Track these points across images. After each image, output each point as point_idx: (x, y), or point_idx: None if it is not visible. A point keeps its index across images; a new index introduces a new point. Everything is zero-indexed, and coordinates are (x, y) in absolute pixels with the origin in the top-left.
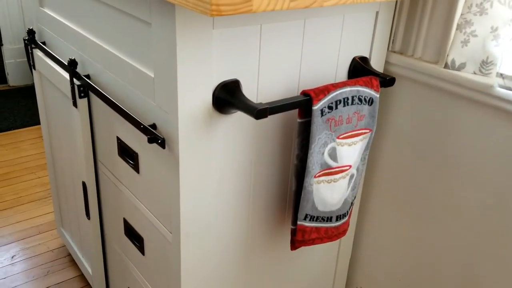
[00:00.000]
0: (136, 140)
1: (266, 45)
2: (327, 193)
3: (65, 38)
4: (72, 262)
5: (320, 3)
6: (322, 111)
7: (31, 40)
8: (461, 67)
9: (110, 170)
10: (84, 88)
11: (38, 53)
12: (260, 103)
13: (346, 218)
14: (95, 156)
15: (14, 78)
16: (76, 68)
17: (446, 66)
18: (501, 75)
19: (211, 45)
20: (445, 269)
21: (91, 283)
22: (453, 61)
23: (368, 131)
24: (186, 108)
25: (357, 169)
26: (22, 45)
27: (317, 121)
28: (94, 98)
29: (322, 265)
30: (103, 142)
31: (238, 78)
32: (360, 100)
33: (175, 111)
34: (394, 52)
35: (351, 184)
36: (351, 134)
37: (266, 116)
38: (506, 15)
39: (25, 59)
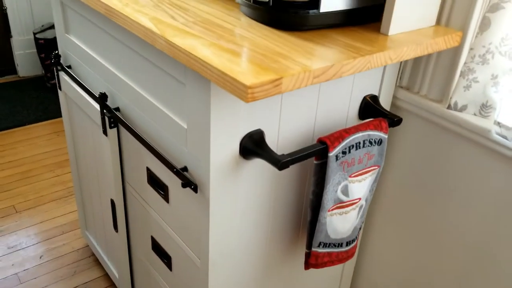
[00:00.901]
0: (166, 175)
1: (287, 98)
2: (339, 223)
3: (92, 68)
4: (97, 261)
5: (339, 75)
6: (337, 156)
7: (56, 63)
8: (463, 108)
9: (138, 192)
10: (114, 120)
11: (64, 76)
12: (283, 155)
13: (355, 242)
14: (123, 177)
15: (23, 69)
16: (106, 101)
17: (449, 107)
18: (498, 124)
19: (240, 105)
20: (438, 277)
21: (117, 285)
22: (455, 103)
23: (376, 167)
24: (217, 157)
25: (366, 200)
26: (31, 36)
27: (332, 165)
28: (124, 129)
29: (330, 272)
30: (131, 167)
31: (262, 128)
32: (370, 142)
33: (207, 159)
34: (401, 87)
35: (360, 213)
36: (362, 172)
37: (287, 167)
38: (506, 65)
39: (34, 50)
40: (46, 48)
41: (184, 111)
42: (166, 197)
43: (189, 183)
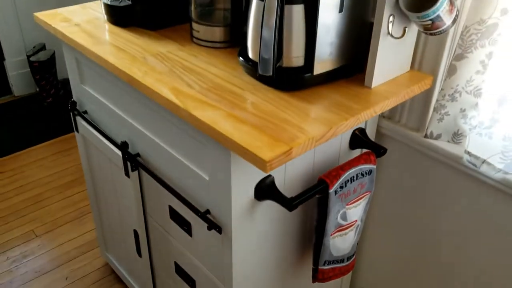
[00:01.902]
0: (189, 214)
1: None
2: (340, 244)
3: (110, 117)
4: (118, 278)
5: (335, 134)
6: (336, 191)
7: (73, 109)
8: (438, 137)
9: (160, 224)
10: (135, 164)
11: (81, 121)
12: (292, 198)
13: (354, 256)
14: (145, 210)
15: (18, 89)
16: (128, 148)
17: (426, 135)
18: (468, 153)
19: None
20: (423, 274)
21: None
22: (431, 133)
23: (368, 192)
24: (236, 203)
25: (361, 220)
26: (24, 57)
27: (332, 199)
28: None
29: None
30: (153, 203)
31: (272, 174)
32: (362, 174)
33: (229, 205)
34: (384, 117)
35: (357, 232)
36: (357, 199)
37: (296, 208)
38: (472, 101)
39: (28, 69)
40: (41, 69)
41: (205, 165)
42: (189, 232)
43: (214, 225)
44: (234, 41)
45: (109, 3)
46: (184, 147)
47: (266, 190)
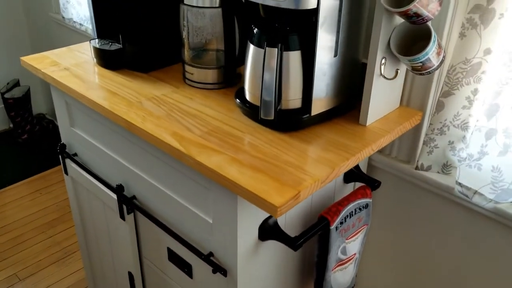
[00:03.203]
0: (191, 256)
1: None
2: (341, 278)
3: (103, 159)
4: None
5: (338, 175)
6: (336, 228)
7: (62, 152)
8: (428, 168)
9: (157, 266)
10: (131, 207)
11: (71, 164)
12: (296, 237)
13: (353, 286)
14: (140, 253)
15: None
16: (123, 191)
17: (416, 167)
18: (460, 184)
19: None
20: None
21: None
22: (422, 165)
23: (366, 225)
24: (242, 244)
25: (359, 252)
26: None
27: (333, 235)
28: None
29: None
30: (149, 245)
31: None
32: (360, 209)
33: (234, 247)
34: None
35: (356, 264)
36: (355, 233)
37: (300, 247)
38: (459, 134)
39: (1, 106)
40: (16, 106)
41: (208, 208)
42: (189, 274)
43: (218, 268)
44: (228, 81)
45: (99, 47)
46: (185, 190)
47: (269, 230)
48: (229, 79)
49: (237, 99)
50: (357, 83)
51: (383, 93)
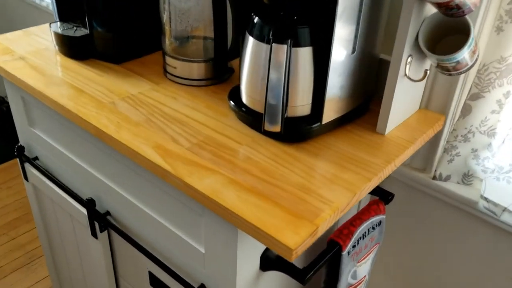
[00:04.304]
0: (177, 286)
1: None
2: None
3: (68, 166)
4: None
5: (359, 199)
6: (348, 252)
7: (20, 155)
8: (447, 178)
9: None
10: (105, 224)
11: (31, 169)
12: (304, 269)
13: None
14: (116, 273)
15: None
16: (95, 206)
17: (434, 177)
18: (485, 199)
19: None
20: None
21: None
22: (440, 174)
23: (378, 244)
24: (241, 277)
25: (369, 274)
26: None
27: (345, 261)
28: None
29: None
30: (128, 266)
31: None
32: (373, 228)
33: (232, 281)
34: None
35: (365, 286)
36: (367, 254)
37: (310, 280)
38: (485, 141)
39: None
40: None
41: (200, 236)
42: None
43: None
44: (217, 77)
45: (61, 32)
46: (171, 212)
47: (273, 260)
48: (219, 74)
49: (231, 101)
50: (372, 83)
51: (405, 96)
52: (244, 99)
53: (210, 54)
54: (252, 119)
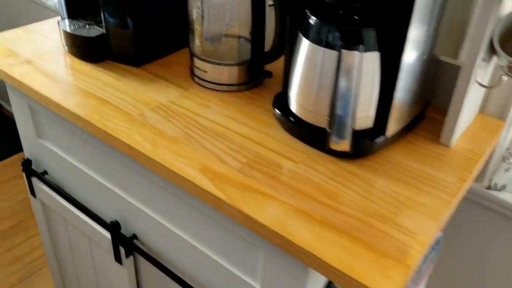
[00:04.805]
0: None
1: None
2: None
3: (87, 184)
4: None
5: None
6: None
7: (27, 169)
8: (502, 188)
9: None
10: (130, 248)
11: (39, 184)
12: None
13: None
14: None
15: None
16: (120, 229)
17: (488, 187)
18: None
19: None
20: None
21: None
22: (495, 184)
23: (433, 264)
24: None
25: None
26: None
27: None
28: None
29: None
30: None
31: None
32: (433, 248)
33: None
34: None
35: None
36: (425, 275)
37: None
38: None
39: None
40: None
41: (256, 271)
42: None
43: None
44: (253, 81)
45: (72, 31)
46: (218, 242)
47: None
48: (254, 77)
49: (277, 110)
50: (431, 87)
51: (471, 102)
52: (294, 108)
53: (245, 55)
54: (303, 131)
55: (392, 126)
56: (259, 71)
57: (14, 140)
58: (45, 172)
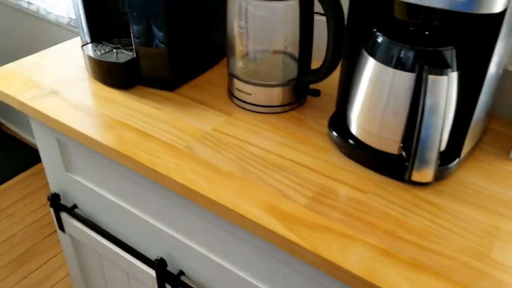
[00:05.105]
0: None
1: None
2: None
3: (124, 220)
4: None
5: None
6: None
7: (55, 204)
8: None
9: None
10: (178, 285)
11: (69, 219)
12: None
13: None
14: None
15: None
16: (166, 266)
17: None
18: None
19: None
20: None
21: None
22: None
23: None
24: None
25: None
26: None
27: None
28: None
29: None
30: None
31: None
32: None
33: None
34: None
35: None
36: None
37: None
38: None
39: None
40: None
41: None
42: None
43: None
44: (297, 100)
45: (100, 58)
46: (285, 284)
47: None
48: (300, 96)
49: (334, 132)
50: (495, 99)
51: None
52: (356, 131)
53: (290, 74)
54: (368, 157)
55: (467, 147)
56: (306, 90)
57: (16, 159)
58: (75, 206)
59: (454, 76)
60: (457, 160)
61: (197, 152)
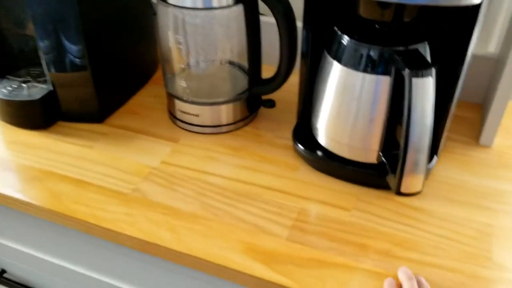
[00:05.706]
0: None
1: None
2: None
3: (71, 283)
4: None
5: None
6: None
7: None
8: None
9: None
10: None
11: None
12: None
13: None
14: None
15: None
16: None
17: None
18: None
19: None
20: None
21: None
22: None
23: None
24: None
25: None
26: None
27: None
28: None
29: None
30: None
31: None
32: None
33: None
34: None
35: None
36: None
37: None
38: None
39: None
40: None
41: None
42: None
43: None
44: (252, 112)
45: (7, 97)
46: None
47: None
48: (254, 109)
49: (300, 146)
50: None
51: None
52: (324, 142)
53: (241, 87)
54: (342, 168)
55: (442, 143)
56: (258, 102)
57: None
58: (3, 271)
59: (433, 73)
60: (435, 158)
61: (148, 194)
